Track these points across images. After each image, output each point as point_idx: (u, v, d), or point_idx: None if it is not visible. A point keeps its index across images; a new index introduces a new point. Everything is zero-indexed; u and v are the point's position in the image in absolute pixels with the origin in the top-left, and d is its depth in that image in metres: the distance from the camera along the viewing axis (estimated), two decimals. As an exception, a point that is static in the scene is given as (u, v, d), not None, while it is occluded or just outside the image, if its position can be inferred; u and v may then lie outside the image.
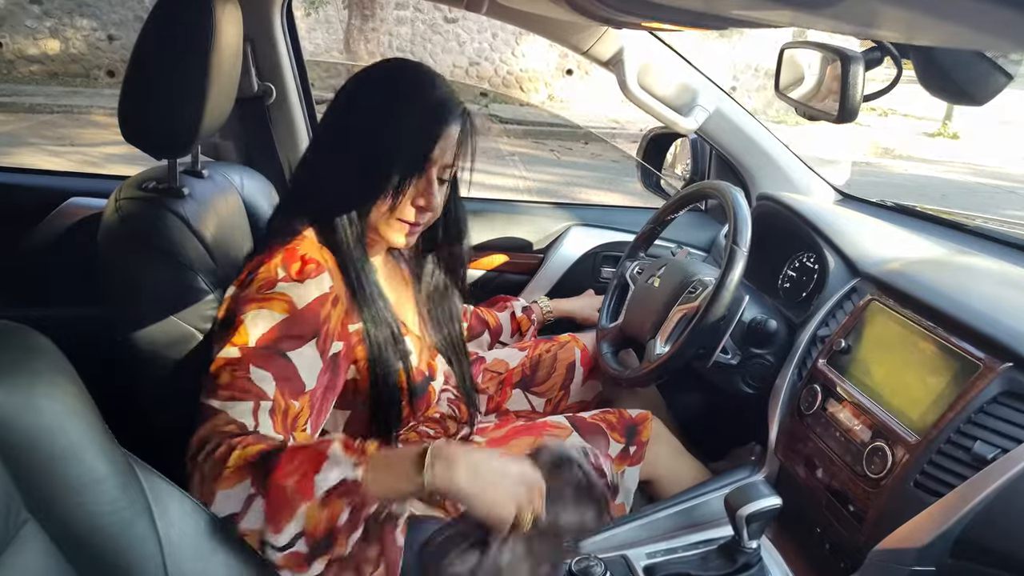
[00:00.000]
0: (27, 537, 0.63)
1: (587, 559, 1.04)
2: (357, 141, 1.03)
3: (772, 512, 0.99)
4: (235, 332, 0.90)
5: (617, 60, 1.43)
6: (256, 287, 0.93)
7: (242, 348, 0.88)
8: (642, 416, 1.32)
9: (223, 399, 0.86)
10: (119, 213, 1.01)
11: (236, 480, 0.78)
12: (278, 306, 0.91)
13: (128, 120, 0.98)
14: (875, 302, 1.12)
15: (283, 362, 0.90)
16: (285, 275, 0.93)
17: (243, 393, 0.86)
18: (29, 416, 0.62)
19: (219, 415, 0.85)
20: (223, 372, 0.88)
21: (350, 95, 1.07)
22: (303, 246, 0.98)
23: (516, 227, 1.78)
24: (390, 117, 1.02)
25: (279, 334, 0.90)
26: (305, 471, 0.78)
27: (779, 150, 1.62)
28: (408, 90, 1.04)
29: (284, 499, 0.77)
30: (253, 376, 0.87)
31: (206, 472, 0.80)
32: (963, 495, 0.86)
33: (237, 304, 0.93)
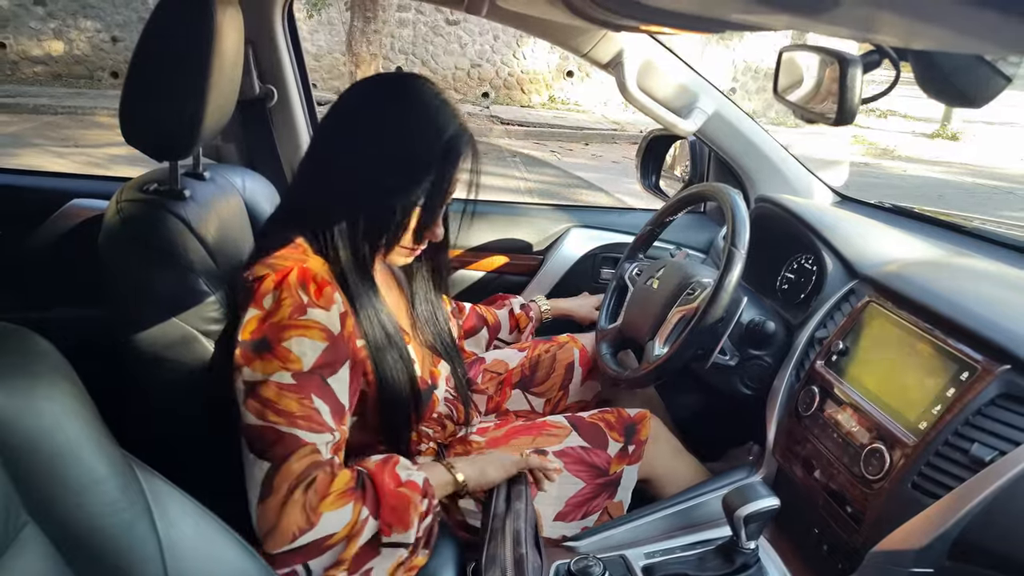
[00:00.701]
0: (27, 539, 0.63)
1: (585, 559, 1.04)
2: (363, 168, 1.00)
3: (770, 513, 0.99)
4: (282, 357, 0.91)
5: (617, 63, 1.44)
6: (288, 312, 0.92)
7: (296, 375, 0.91)
8: (640, 415, 1.32)
9: (305, 429, 0.91)
10: (120, 215, 1.02)
11: (341, 503, 0.91)
12: (318, 335, 0.93)
13: (129, 122, 0.99)
14: (873, 304, 1.13)
15: (328, 389, 0.94)
16: (310, 300, 0.93)
17: (320, 426, 0.92)
18: (29, 418, 0.62)
19: (306, 445, 0.91)
20: (288, 400, 0.90)
21: (353, 113, 1.03)
22: (310, 264, 0.97)
23: (516, 228, 1.78)
24: (402, 154, 1.00)
25: (324, 362, 0.93)
26: (395, 478, 0.96)
27: (777, 152, 1.62)
28: (421, 126, 1.00)
29: (404, 499, 0.95)
30: (318, 407, 0.92)
31: (310, 499, 0.89)
32: (961, 497, 0.86)
33: (273, 328, 0.92)
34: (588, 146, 8.30)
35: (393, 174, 1.00)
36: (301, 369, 0.91)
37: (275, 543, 0.89)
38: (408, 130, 1.00)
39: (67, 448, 0.64)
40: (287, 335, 0.92)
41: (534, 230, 1.79)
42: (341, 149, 1.02)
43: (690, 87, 1.50)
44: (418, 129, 1.00)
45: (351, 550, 0.91)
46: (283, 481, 0.89)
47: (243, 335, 0.93)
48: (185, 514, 0.74)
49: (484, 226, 1.76)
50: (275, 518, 0.89)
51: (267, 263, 0.97)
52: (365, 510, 0.92)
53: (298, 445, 0.90)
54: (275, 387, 0.91)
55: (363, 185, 1.01)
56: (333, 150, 1.04)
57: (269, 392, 0.91)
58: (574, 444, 1.25)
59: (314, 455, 0.91)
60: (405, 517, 0.94)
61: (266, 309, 0.93)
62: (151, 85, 0.99)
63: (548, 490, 1.20)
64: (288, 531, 0.88)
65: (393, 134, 1.00)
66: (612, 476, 1.25)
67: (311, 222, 1.01)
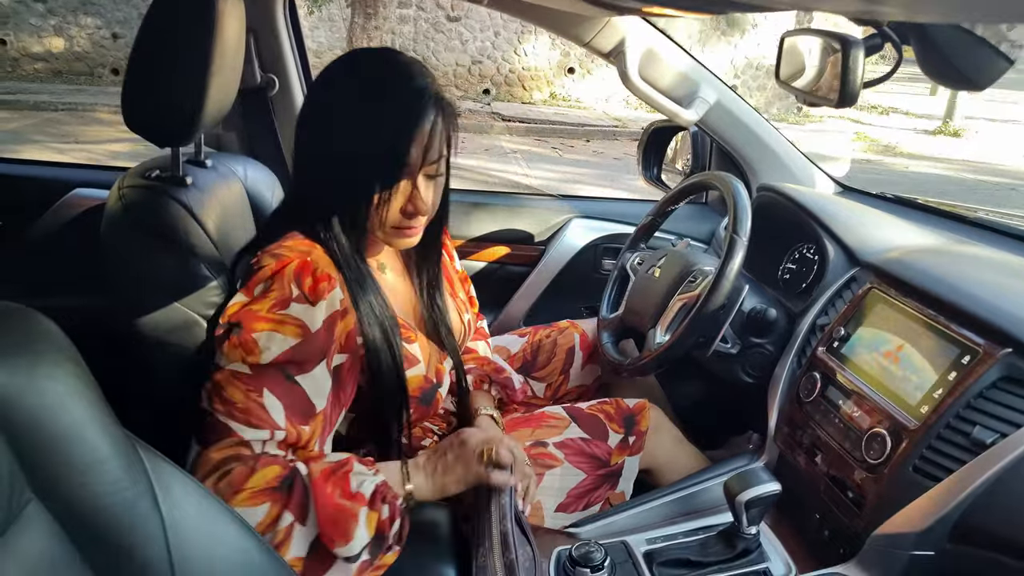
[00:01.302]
0: (31, 516, 0.63)
1: (587, 545, 1.04)
2: (336, 144, 0.98)
3: (771, 498, 0.99)
4: (246, 347, 0.89)
5: (619, 51, 1.44)
6: (269, 304, 0.91)
7: (253, 366, 0.88)
8: (640, 405, 1.32)
9: (240, 422, 0.87)
10: (122, 201, 1.02)
11: (254, 502, 0.84)
12: (291, 331, 0.90)
13: (131, 108, 0.99)
14: (874, 290, 1.13)
15: (293, 387, 0.90)
16: (299, 293, 0.91)
17: (259, 421, 0.88)
18: (32, 397, 0.62)
19: (233, 435, 0.87)
20: (235, 390, 0.88)
21: (322, 92, 1.01)
22: (315, 256, 0.95)
23: (517, 219, 1.78)
24: (361, 122, 0.96)
25: (289, 359, 0.90)
26: (343, 486, 0.88)
27: (780, 142, 1.62)
28: (376, 88, 0.97)
29: (345, 512, 0.87)
30: (267, 403, 0.88)
31: (221, 490, 0.84)
32: (962, 480, 0.86)
33: (249, 316, 0.90)
34: (589, 143, 8.30)
35: (361, 145, 0.96)
36: (259, 362, 0.88)
37: None
38: (363, 105, 0.97)
39: (71, 427, 0.64)
40: (259, 326, 0.89)
41: (535, 221, 1.79)
42: (311, 137, 1.00)
43: (692, 76, 1.50)
44: (376, 93, 0.97)
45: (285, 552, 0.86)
46: (200, 469, 0.86)
47: (223, 318, 0.92)
48: (188, 494, 0.74)
49: (485, 217, 1.76)
50: None
51: (273, 253, 0.95)
52: (288, 515, 0.85)
53: (224, 435, 0.87)
54: (228, 374, 0.88)
55: (335, 169, 0.98)
56: (306, 140, 1.02)
57: (222, 378, 0.89)
58: (574, 435, 1.25)
59: (238, 448, 0.87)
60: (346, 530, 0.86)
61: (252, 296, 0.92)
62: (153, 71, 0.99)
63: (550, 482, 1.20)
64: None
65: (345, 113, 0.97)
66: (613, 467, 1.25)
67: (308, 213, 1.01)
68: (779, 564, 1.05)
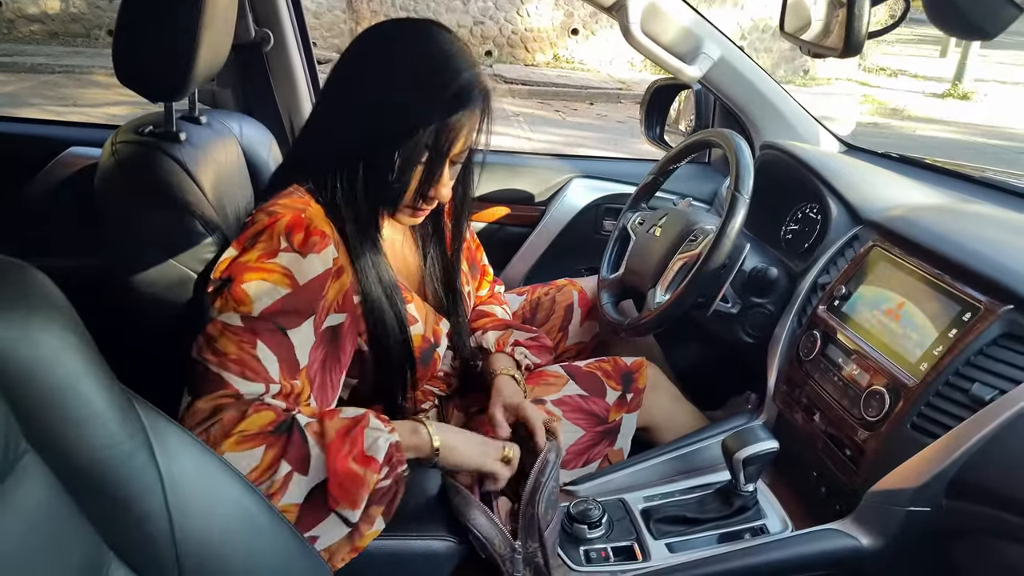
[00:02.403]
0: (27, 467, 0.63)
1: (585, 502, 1.05)
2: (370, 121, 0.96)
3: (769, 455, 1.00)
4: (236, 298, 0.87)
5: (621, 5, 1.40)
6: (258, 254, 0.90)
7: (244, 317, 0.87)
8: (638, 363, 1.32)
9: (234, 374, 0.86)
10: (115, 157, 1.01)
11: (248, 445, 0.82)
12: (280, 280, 0.89)
13: (123, 61, 0.97)
14: (877, 248, 1.11)
15: (284, 339, 0.89)
16: (287, 245, 0.90)
17: (254, 373, 0.86)
18: (26, 348, 0.62)
19: (227, 387, 0.85)
20: (227, 341, 0.86)
21: (361, 59, 0.99)
22: (309, 212, 0.94)
23: (518, 179, 1.76)
24: (400, 106, 0.95)
25: (280, 309, 0.89)
26: (357, 448, 0.87)
27: (784, 100, 1.59)
28: (423, 74, 0.95)
29: (357, 479, 0.85)
30: (260, 355, 0.87)
31: (213, 434, 0.82)
32: (959, 436, 0.86)
33: (238, 268, 0.89)
34: (593, 105, 8.20)
35: (395, 123, 0.95)
36: (251, 312, 0.87)
37: None
38: (414, 76, 0.95)
39: (65, 380, 0.64)
40: (248, 276, 0.88)
41: (536, 180, 1.77)
42: (346, 96, 0.99)
43: (695, 31, 1.47)
44: (424, 76, 0.95)
45: (279, 499, 0.85)
46: (191, 419, 0.84)
47: (214, 273, 0.91)
48: (185, 449, 0.74)
49: (485, 177, 1.73)
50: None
51: (267, 209, 0.95)
52: (286, 465, 0.83)
53: (218, 387, 0.85)
54: (220, 326, 0.87)
55: (364, 134, 0.97)
56: (339, 98, 1.00)
57: (213, 330, 0.87)
58: (572, 392, 1.25)
59: (227, 396, 0.85)
60: (354, 495, 0.86)
61: (242, 248, 0.91)
62: (144, 23, 0.97)
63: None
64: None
65: (398, 80, 0.95)
66: (611, 424, 1.26)
67: (313, 171, 0.99)
68: (776, 521, 1.05)
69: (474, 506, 0.97)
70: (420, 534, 0.96)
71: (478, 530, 0.95)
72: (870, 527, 0.95)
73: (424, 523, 0.97)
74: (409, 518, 0.96)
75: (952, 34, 0.83)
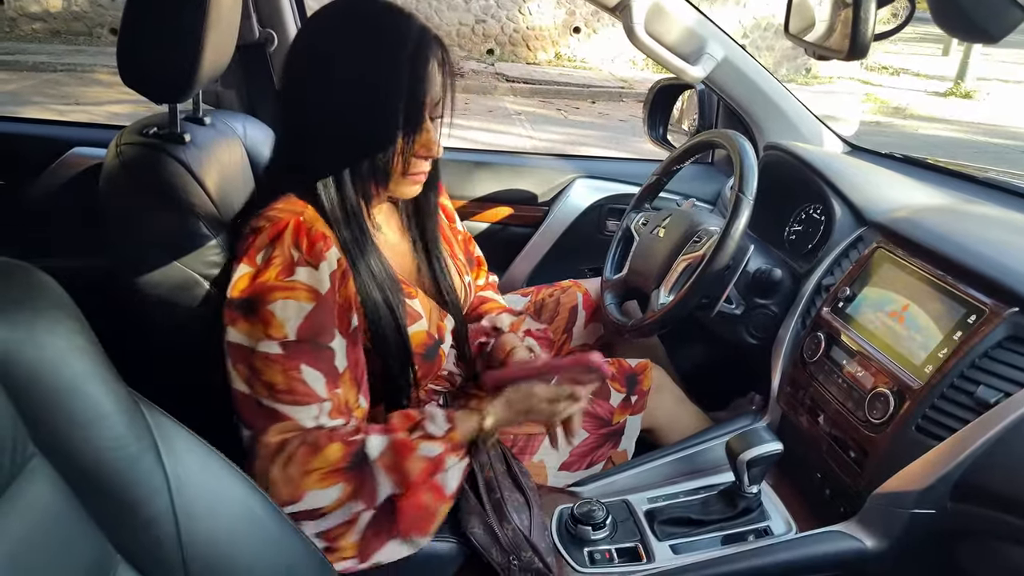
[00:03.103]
0: (35, 471, 0.63)
1: (589, 503, 1.05)
2: (343, 95, 0.95)
3: (773, 457, 1.00)
4: (267, 324, 0.88)
5: (624, 5, 1.40)
6: (276, 272, 0.90)
7: (283, 344, 0.88)
8: (642, 365, 1.32)
9: (287, 403, 0.88)
10: (120, 159, 1.01)
11: (327, 483, 0.87)
12: (303, 295, 0.90)
13: (127, 63, 0.97)
14: (881, 250, 1.11)
15: (322, 353, 0.91)
16: (300, 256, 0.91)
17: (304, 397, 0.89)
18: (31, 351, 0.62)
19: (286, 420, 0.88)
20: (272, 372, 0.88)
21: (318, 42, 0.98)
22: (308, 215, 0.94)
23: (521, 179, 1.76)
24: (369, 68, 0.94)
25: (314, 325, 0.90)
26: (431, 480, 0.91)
27: (788, 100, 1.59)
28: (379, 32, 0.95)
29: (429, 513, 0.91)
30: (306, 377, 0.89)
31: (291, 474, 0.86)
32: (964, 438, 0.86)
33: (261, 290, 0.90)
34: (595, 104, 8.19)
35: (362, 103, 0.95)
36: (287, 337, 0.88)
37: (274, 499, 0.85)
38: (365, 54, 0.95)
39: (72, 382, 0.64)
40: (272, 296, 0.89)
41: (539, 181, 1.77)
42: (312, 91, 0.97)
43: (699, 32, 1.47)
44: (374, 50, 0.95)
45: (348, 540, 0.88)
46: (262, 452, 0.88)
47: (232, 292, 0.91)
48: (191, 450, 0.74)
49: (488, 177, 1.74)
50: (264, 483, 0.87)
51: (265, 215, 0.95)
52: (360, 504, 0.87)
53: (276, 419, 0.88)
54: (262, 358, 0.88)
55: (345, 121, 0.96)
56: (299, 92, 0.99)
57: (257, 362, 0.89)
58: None
59: (291, 428, 0.89)
60: (427, 527, 0.91)
61: (257, 266, 0.91)
62: (148, 25, 0.97)
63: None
64: (278, 499, 0.87)
65: (350, 62, 0.95)
66: (615, 426, 1.26)
67: (306, 173, 0.98)
68: (780, 523, 1.05)
69: (475, 515, 0.97)
70: None
71: (476, 540, 0.96)
72: (874, 529, 0.95)
73: None
74: None
75: (957, 36, 0.83)
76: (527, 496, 1.02)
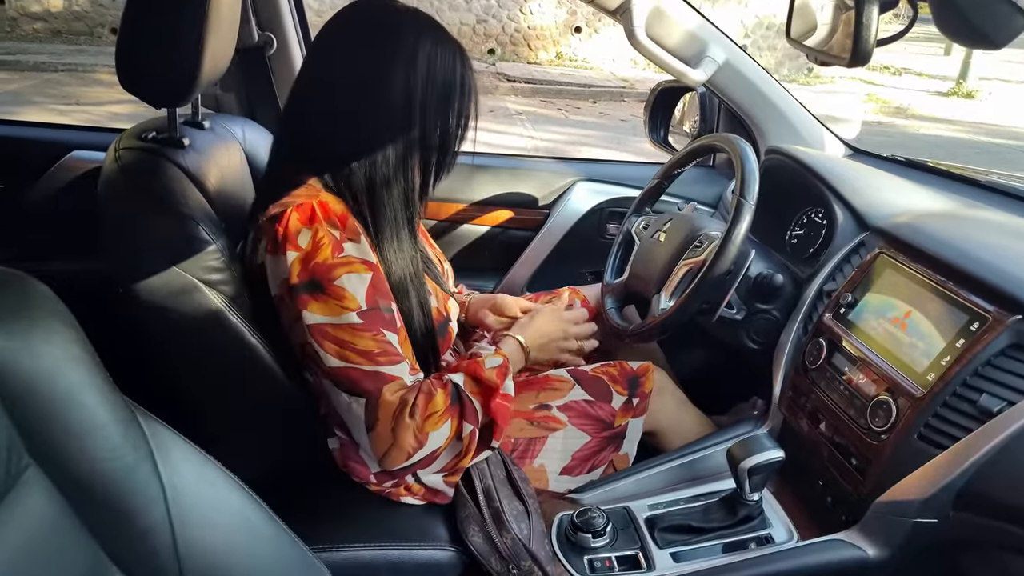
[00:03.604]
0: (30, 481, 0.63)
1: (589, 510, 1.05)
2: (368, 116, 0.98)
3: (774, 465, 0.99)
4: (341, 298, 0.94)
5: (625, 9, 1.40)
6: (329, 250, 0.94)
7: (360, 313, 0.95)
8: (644, 368, 1.31)
9: (385, 364, 0.96)
10: (119, 163, 1.00)
11: (442, 422, 0.99)
12: (360, 268, 0.95)
13: (125, 67, 0.97)
14: (883, 255, 1.11)
15: (391, 316, 0.99)
16: (341, 233, 0.95)
17: (396, 356, 0.98)
18: (27, 360, 0.61)
19: (393, 379, 0.97)
20: (363, 339, 0.95)
21: (342, 47, 1.01)
22: (324, 198, 0.97)
23: (521, 182, 1.76)
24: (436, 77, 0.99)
25: (376, 292, 0.96)
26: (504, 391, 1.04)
27: (789, 104, 1.59)
28: (398, 34, 0.98)
29: (508, 414, 1.05)
30: (390, 339, 0.97)
31: (416, 422, 0.96)
32: (967, 447, 0.85)
33: (321, 268, 0.94)
34: (596, 104, 8.19)
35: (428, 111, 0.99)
36: (361, 307, 0.95)
37: (394, 461, 0.98)
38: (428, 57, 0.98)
39: (67, 392, 0.64)
40: (336, 273, 0.94)
41: (539, 184, 1.76)
42: (341, 90, 0.99)
43: (700, 35, 1.46)
44: (434, 53, 0.98)
45: (466, 461, 1.03)
46: (385, 412, 0.95)
47: (292, 279, 0.95)
48: (187, 460, 0.74)
49: (488, 180, 1.74)
50: (390, 441, 0.96)
51: (280, 202, 0.97)
52: (468, 425, 1.00)
53: (385, 380, 0.96)
54: (348, 330, 0.94)
55: (373, 133, 0.98)
56: (329, 89, 1.00)
57: (343, 334, 0.95)
58: (578, 398, 1.25)
59: (402, 385, 0.97)
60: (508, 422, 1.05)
61: (304, 249, 0.94)
62: (147, 29, 0.96)
63: (554, 445, 1.20)
64: (404, 451, 0.97)
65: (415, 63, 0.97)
66: (617, 429, 1.25)
67: (321, 165, 1.01)
68: (781, 530, 1.05)
69: (474, 523, 0.97)
70: (423, 544, 0.96)
71: (475, 548, 0.95)
72: (876, 538, 0.94)
73: (428, 534, 0.97)
74: (413, 529, 0.96)
75: (959, 42, 0.83)
76: (526, 504, 1.02)
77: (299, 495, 1.02)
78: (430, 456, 0.99)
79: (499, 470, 1.08)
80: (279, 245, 0.95)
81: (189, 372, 1.05)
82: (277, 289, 0.99)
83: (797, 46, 0.98)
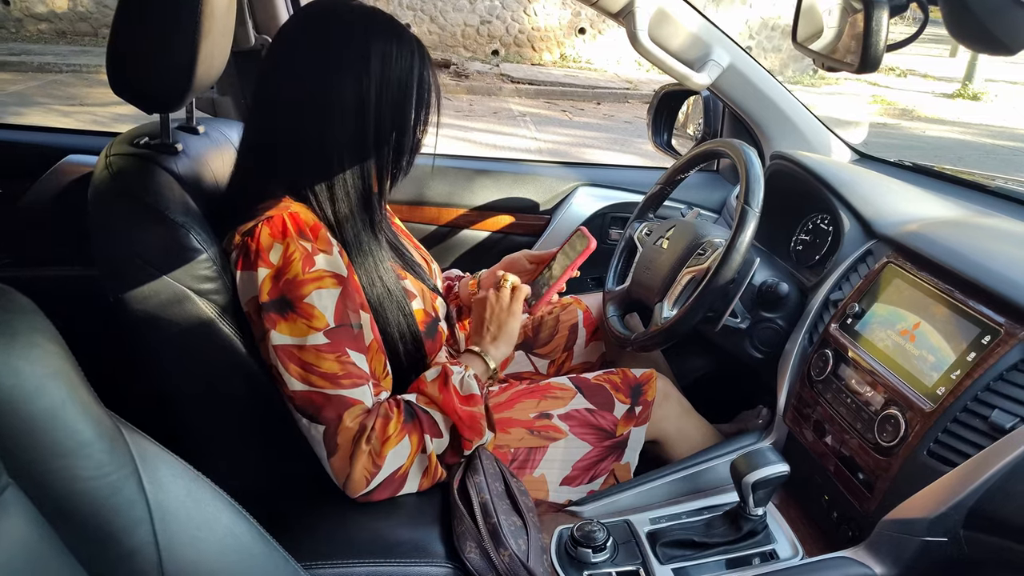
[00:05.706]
0: (9, 502, 0.61)
1: (589, 524, 1.02)
2: (349, 108, 0.96)
3: (779, 479, 0.97)
4: (309, 317, 0.92)
5: (628, 12, 1.37)
6: (300, 266, 0.92)
7: (326, 332, 0.93)
8: (646, 375, 1.29)
9: (347, 388, 0.94)
10: (109, 170, 0.98)
11: (399, 439, 0.96)
12: (330, 282, 0.94)
13: (117, 72, 0.94)
14: (891, 264, 1.08)
15: (358, 333, 0.97)
16: (312, 246, 0.93)
17: (359, 379, 0.95)
18: (7, 378, 0.59)
19: (354, 403, 0.95)
20: (326, 362, 0.93)
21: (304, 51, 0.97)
22: (295, 209, 0.95)
23: (522, 187, 1.74)
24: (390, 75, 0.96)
25: (345, 308, 0.95)
26: (457, 395, 1.01)
27: (794, 108, 1.56)
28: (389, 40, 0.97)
29: (475, 417, 1.02)
30: (354, 359, 0.95)
31: (373, 447, 0.94)
32: (979, 464, 0.83)
33: (290, 286, 0.92)
34: (600, 105, 8.16)
35: (383, 107, 0.97)
36: (329, 325, 0.92)
37: (354, 489, 0.96)
38: (382, 53, 0.96)
39: (49, 410, 0.62)
40: (305, 290, 0.92)
41: (541, 189, 1.74)
42: (294, 92, 0.97)
43: (704, 38, 1.44)
44: (387, 47, 0.96)
45: (433, 464, 1.00)
46: (344, 439, 0.94)
47: (262, 296, 0.93)
48: (175, 477, 0.72)
49: (489, 184, 1.72)
50: (347, 469, 0.94)
51: (256, 217, 0.95)
52: (427, 437, 0.99)
53: (347, 405, 0.94)
54: (312, 352, 0.92)
55: (348, 125, 0.96)
56: (286, 94, 0.98)
57: (308, 356, 0.92)
58: (579, 406, 1.23)
59: (363, 410, 0.95)
60: (480, 429, 1.03)
61: (276, 265, 0.92)
62: (139, 32, 0.94)
63: (554, 454, 1.18)
64: (361, 478, 0.95)
65: (368, 60, 0.95)
66: (619, 438, 1.23)
67: (284, 172, 0.99)
68: (786, 546, 1.02)
69: (471, 539, 0.95)
70: (418, 560, 0.94)
71: (471, 565, 0.93)
72: (884, 556, 0.91)
73: (423, 549, 0.94)
74: (408, 544, 0.94)
75: (972, 48, 0.80)
76: (524, 518, 0.99)
77: (292, 510, 1.00)
78: (392, 478, 0.97)
79: (497, 483, 1.06)
80: (251, 261, 0.94)
81: (180, 382, 1.03)
82: (246, 306, 0.97)
83: (803, 50, 0.96)
